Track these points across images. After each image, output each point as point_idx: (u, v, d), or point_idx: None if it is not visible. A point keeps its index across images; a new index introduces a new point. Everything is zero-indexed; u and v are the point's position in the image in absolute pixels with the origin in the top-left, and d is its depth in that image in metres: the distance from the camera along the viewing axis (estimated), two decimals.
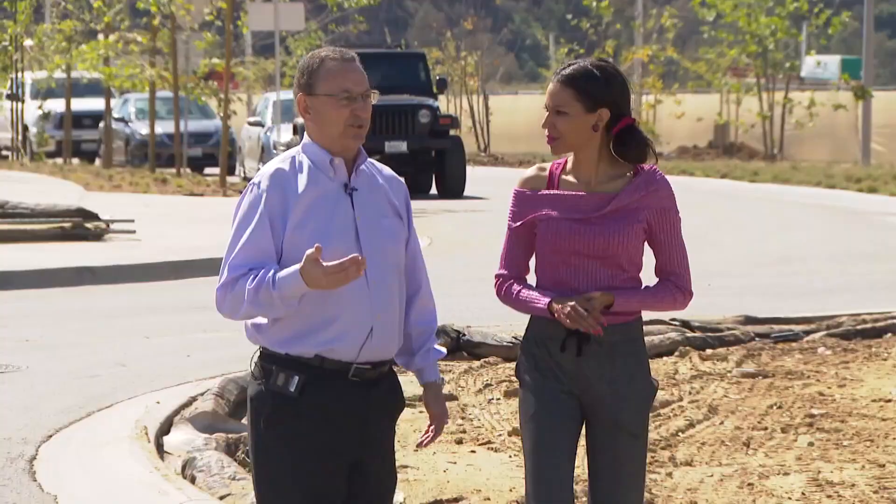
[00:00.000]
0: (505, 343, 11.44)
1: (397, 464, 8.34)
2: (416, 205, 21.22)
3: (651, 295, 5.13)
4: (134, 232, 20.44)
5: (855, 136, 42.75)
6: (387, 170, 5.02)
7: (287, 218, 4.74)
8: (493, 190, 31.94)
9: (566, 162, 5.19)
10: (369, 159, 4.95)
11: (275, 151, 33.32)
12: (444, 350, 5.19)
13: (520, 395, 5.24)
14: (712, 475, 8.01)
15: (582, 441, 5.24)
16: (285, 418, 4.80)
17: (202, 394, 9.74)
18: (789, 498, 7.61)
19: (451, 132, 32.30)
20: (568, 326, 4.99)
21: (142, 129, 38.91)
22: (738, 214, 24.75)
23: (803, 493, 7.68)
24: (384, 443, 4.97)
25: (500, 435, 9.00)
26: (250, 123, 39.10)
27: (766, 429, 9.14)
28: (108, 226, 20.52)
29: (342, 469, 4.84)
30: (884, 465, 8.21)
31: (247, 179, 36.57)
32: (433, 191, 32.22)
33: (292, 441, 4.79)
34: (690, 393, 10.04)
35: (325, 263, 4.57)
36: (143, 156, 37.79)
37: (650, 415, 5.35)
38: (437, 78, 34.67)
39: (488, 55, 58.58)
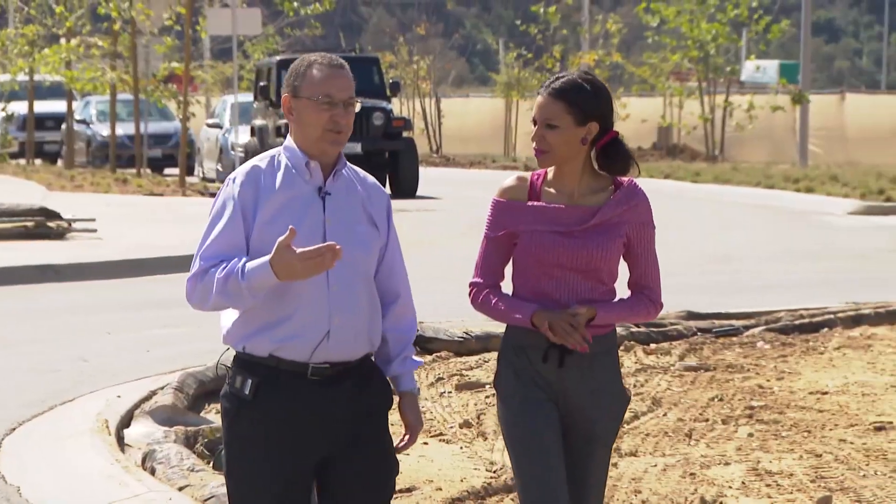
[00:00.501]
0: (456, 338, 11.48)
1: None
2: None
3: (628, 308, 5.04)
4: (95, 231, 20.36)
5: (793, 137, 42.94)
6: (370, 178, 4.93)
7: (256, 213, 4.70)
8: (445, 190, 32.04)
9: (546, 173, 5.05)
10: (353, 167, 4.88)
11: (232, 152, 33.26)
12: (421, 360, 5.12)
13: (499, 406, 5.10)
14: (656, 465, 8.04)
15: None
16: (244, 420, 4.78)
17: (161, 388, 9.71)
18: (730, 486, 7.65)
19: (404, 134, 32.32)
20: (551, 340, 4.87)
21: (103, 130, 38.78)
22: (681, 214, 24.83)
23: (743, 483, 7.72)
24: (364, 438, 4.81)
25: (451, 427, 9.01)
26: (209, 125, 39.04)
27: (707, 420, 9.18)
28: (70, 225, 20.43)
29: (307, 468, 4.77)
30: (820, 455, 8.25)
31: (206, 180, 36.57)
32: (387, 190, 32.20)
33: (252, 442, 4.75)
34: (635, 386, 10.07)
35: (298, 250, 4.52)
36: (105, 157, 37.66)
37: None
38: (391, 81, 34.63)
39: (440, 59, 58.58)
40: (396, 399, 5.01)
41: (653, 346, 11.51)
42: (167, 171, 37.78)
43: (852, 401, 9.75)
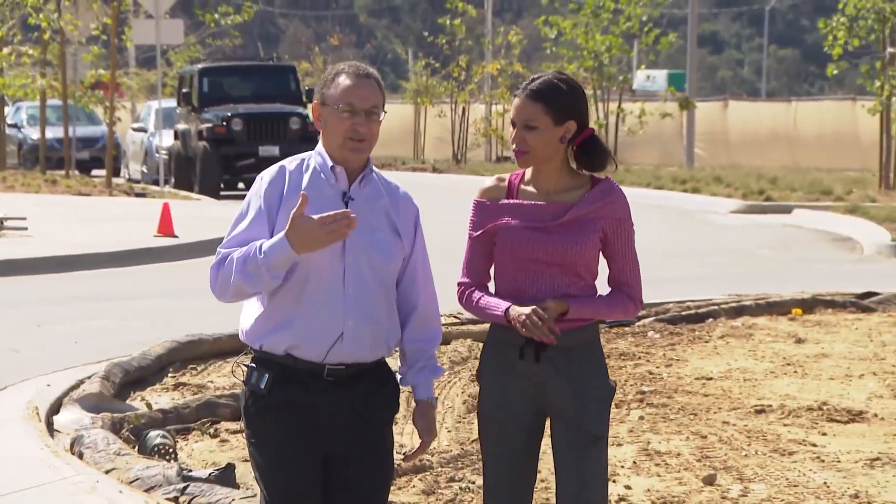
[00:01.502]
0: None
1: None
2: None
3: (603, 303, 4.84)
4: (26, 229, 20.13)
5: (680, 142, 43.26)
6: (401, 189, 4.75)
7: (280, 211, 4.54)
8: None
9: (524, 173, 4.89)
10: (384, 176, 4.73)
11: (157, 155, 33.04)
12: (442, 368, 4.93)
13: (479, 398, 4.95)
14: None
15: (547, 441, 4.94)
16: (259, 414, 4.63)
17: (89, 377, 9.62)
18: (622, 466, 7.68)
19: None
20: (523, 335, 4.70)
21: (33, 134, 38.36)
22: None
23: (635, 462, 7.76)
24: (366, 439, 4.65)
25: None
26: (134, 129, 38.78)
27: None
28: (1, 223, 20.20)
29: (313, 460, 4.62)
30: (706, 437, 8.31)
31: (131, 181, 36.29)
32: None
33: (267, 435, 4.62)
34: None
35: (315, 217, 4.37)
36: (35, 159, 37.23)
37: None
38: (307, 88, 34.52)
39: None
40: (411, 406, 4.90)
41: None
42: (94, 172, 37.44)
43: (735, 386, 9.83)
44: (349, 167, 4.63)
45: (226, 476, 7.27)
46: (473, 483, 7.27)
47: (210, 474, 7.25)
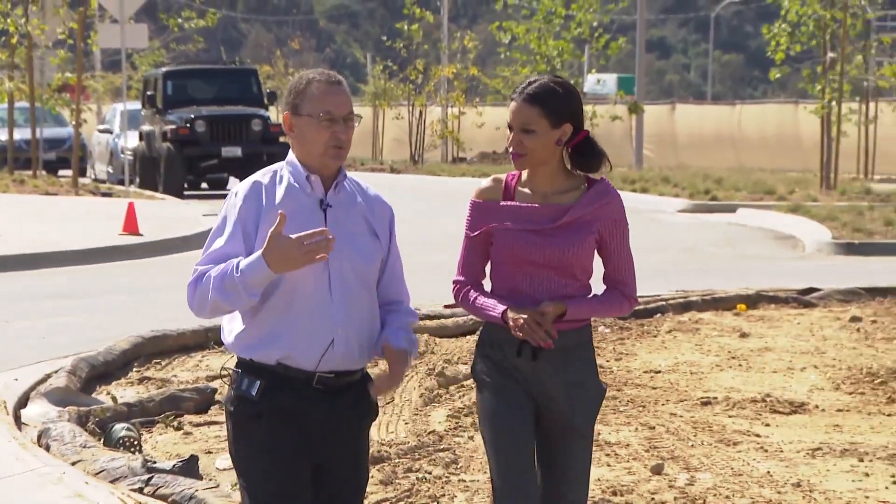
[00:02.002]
0: None
1: None
2: None
3: (599, 303, 4.76)
4: None
5: (629, 143, 43.37)
6: (372, 190, 4.62)
7: (259, 227, 4.38)
8: None
9: (520, 174, 4.78)
10: (355, 179, 4.59)
11: (122, 155, 32.89)
12: (416, 340, 4.68)
13: (477, 396, 4.85)
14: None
15: None
16: (249, 420, 4.45)
17: (56, 371, 9.56)
18: None
19: (281, 139, 32.14)
20: (519, 338, 4.61)
21: (1, 135, 38.10)
22: None
23: None
24: (350, 449, 4.54)
25: None
26: (100, 131, 38.60)
27: None
28: None
29: (304, 467, 4.47)
30: (654, 428, 8.33)
31: (97, 181, 36.11)
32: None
33: (256, 442, 4.44)
34: None
35: (294, 235, 4.23)
36: (3, 160, 36.98)
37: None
38: (268, 91, 34.53)
39: None
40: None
41: None
42: (61, 172, 37.19)
43: (682, 378, 9.86)
44: (324, 175, 4.48)
45: (189, 467, 7.26)
46: (430, 473, 7.27)
47: (174, 466, 7.23)
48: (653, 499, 6.86)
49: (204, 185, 34.00)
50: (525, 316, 4.58)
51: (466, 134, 49.21)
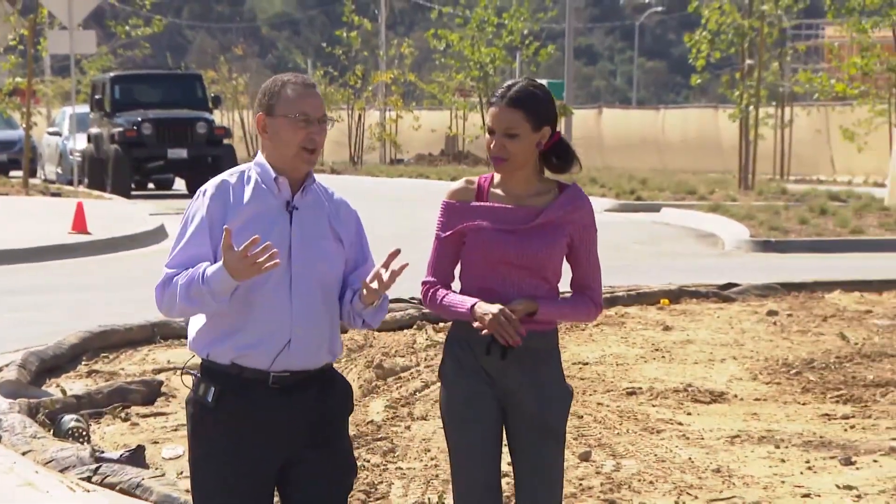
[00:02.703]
0: None
1: (177, 420, 8.31)
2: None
3: (569, 306, 4.60)
4: None
5: None
6: (337, 195, 4.47)
7: (225, 224, 4.22)
8: None
9: (493, 176, 4.61)
10: (322, 183, 4.43)
11: (71, 157, 32.65)
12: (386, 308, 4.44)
13: (441, 394, 4.65)
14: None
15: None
16: (206, 425, 4.31)
17: (7, 365, 9.46)
18: (505, 445, 7.68)
19: (225, 141, 32.09)
20: (485, 333, 4.41)
21: None
22: None
23: None
24: (321, 443, 4.34)
25: None
26: (49, 133, 38.27)
27: None
28: None
29: (267, 473, 4.30)
30: (582, 417, 8.35)
31: (47, 181, 35.79)
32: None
33: (213, 447, 4.29)
34: (426, 360, 10.09)
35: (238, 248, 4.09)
36: None
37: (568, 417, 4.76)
38: (213, 95, 34.43)
39: (256, 76, 58.12)
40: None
41: (441, 324, 11.54)
42: (12, 173, 36.85)
43: (608, 370, 9.90)
44: (293, 177, 4.33)
45: (136, 457, 7.22)
46: (368, 461, 7.26)
47: (121, 455, 7.19)
48: (581, 484, 6.88)
49: (150, 185, 33.83)
50: (494, 311, 4.40)
51: (403, 137, 49.24)
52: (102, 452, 7.29)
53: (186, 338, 4.54)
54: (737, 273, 15.29)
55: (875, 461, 7.38)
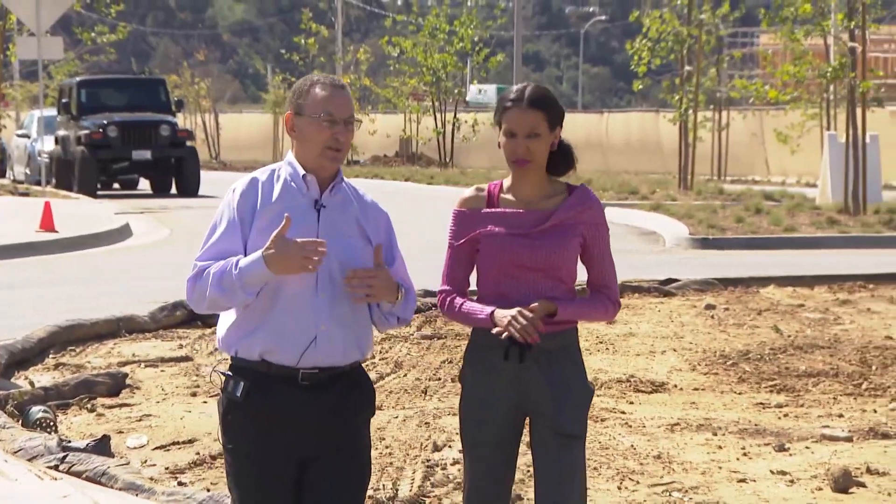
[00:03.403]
0: None
1: (141, 411, 8.27)
2: (158, 202, 20.94)
3: (587, 305, 4.44)
4: None
5: None
6: (368, 196, 4.33)
7: (254, 222, 4.16)
8: (222, 190, 31.61)
9: (502, 183, 4.47)
10: (352, 184, 4.31)
11: (39, 158, 32.42)
12: (414, 305, 4.35)
13: (463, 402, 4.48)
14: (398, 416, 8.05)
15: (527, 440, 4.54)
16: (235, 420, 4.20)
17: None
18: (456, 433, 7.70)
19: (188, 143, 31.96)
20: (505, 336, 4.26)
21: None
22: (419, 210, 24.98)
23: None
24: (342, 441, 4.22)
25: None
26: (18, 135, 38.02)
27: (439, 379, 9.23)
28: None
29: (289, 466, 4.19)
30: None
31: (16, 181, 35.52)
32: (173, 191, 31.88)
33: (242, 440, 4.18)
34: (381, 352, 10.08)
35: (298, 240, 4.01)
36: None
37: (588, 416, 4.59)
38: (176, 99, 34.32)
39: (217, 81, 57.92)
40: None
41: None
42: None
43: None
44: (321, 176, 4.22)
45: (101, 446, 7.17)
46: None
47: (87, 445, 7.14)
48: (528, 471, 6.87)
49: (116, 185, 33.64)
50: (513, 313, 4.26)
51: (359, 139, 49.10)
52: (69, 442, 7.24)
53: (150, 332, 4.51)
54: (676, 269, 15.36)
55: (807, 447, 7.43)
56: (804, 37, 25.33)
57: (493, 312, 4.33)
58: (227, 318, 4.25)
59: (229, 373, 4.23)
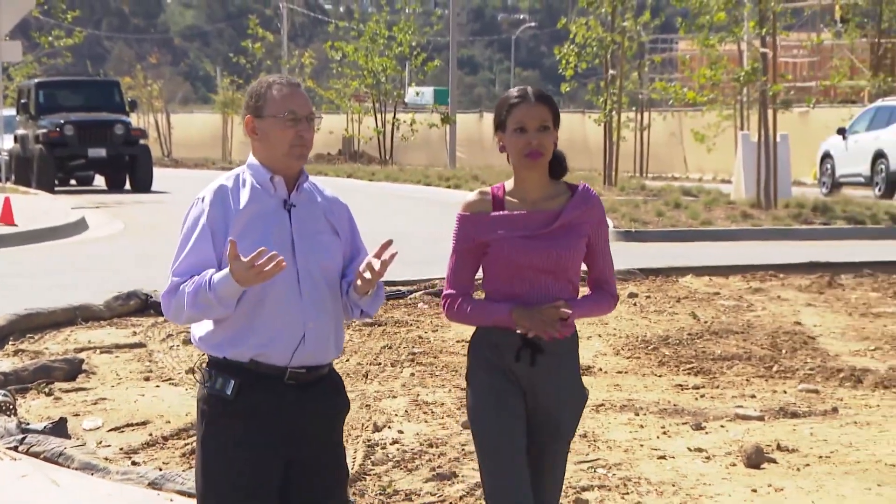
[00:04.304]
0: None
1: (96, 395, 8.20)
2: (113, 198, 20.75)
3: (593, 302, 4.28)
4: None
5: (444, 146, 43.60)
6: (329, 191, 4.15)
7: (228, 231, 3.91)
8: (173, 185, 31.52)
9: (504, 186, 4.23)
10: (312, 181, 4.10)
11: None
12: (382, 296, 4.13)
13: (469, 398, 4.28)
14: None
15: None
16: (223, 418, 3.93)
17: None
18: (396, 414, 7.70)
19: (141, 142, 31.73)
20: (525, 334, 4.07)
21: None
22: (360, 204, 24.86)
23: (406, 411, 7.78)
24: (326, 440, 4.04)
25: (179, 373, 8.84)
26: None
27: (380, 364, 9.22)
28: None
29: (276, 465, 3.95)
30: (464, 389, 8.35)
31: None
32: (127, 187, 31.65)
33: (228, 438, 3.92)
34: None
35: (244, 258, 3.78)
36: None
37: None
38: (130, 100, 34.07)
39: (169, 83, 57.51)
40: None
41: None
42: None
43: None
44: (287, 176, 4.01)
45: (59, 428, 7.11)
46: None
47: (45, 427, 7.08)
48: (462, 449, 6.89)
49: (72, 181, 33.35)
50: (537, 309, 4.06)
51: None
52: (28, 424, 7.17)
53: (105, 320, 4.43)
54: None
55: (722, 426, 7.49)
56: (719, 43, 25.52)
57: (513, 309, 4.11)
58: (204, 323, 4.00)
59: (210, 368, 3.98)
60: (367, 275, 3.94)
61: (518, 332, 4.10)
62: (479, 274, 4.33)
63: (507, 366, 4.18)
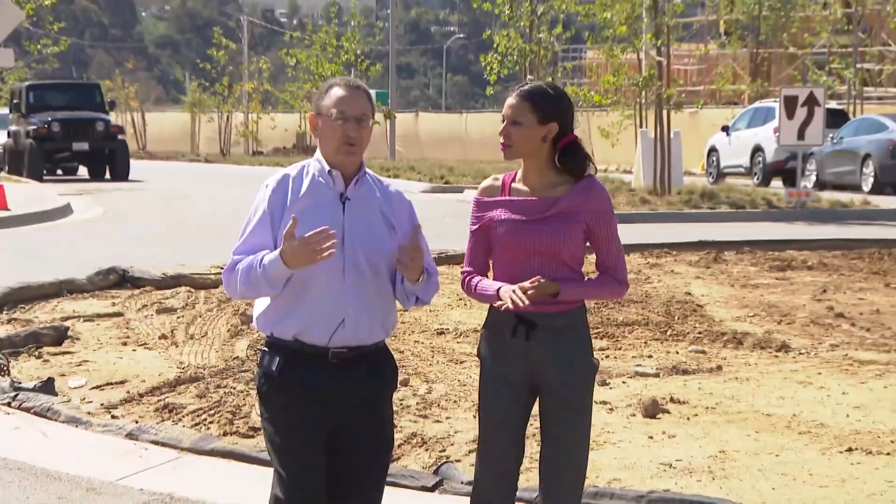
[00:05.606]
0: (157, 277, 11.14)
1: (80, 357, 8.10)
2: (95, 186, 20.53)
3: (591, 286, 4.03)
4: None
5: (385, 141, 43.50)
6: (392, 186, 3.93)
7: (284, 216, 3.74)
8: (148, 175, 31.29)
9: (516, 173, 4.07)
10: (377, 177, 3.91)
11: None
12: (436, 284, 3.93)
13: (481, 374, 4.06)
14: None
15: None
16: (271, 393, 3.79)
17: None
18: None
19: (119, 137, 31.52)
20: (504, 308, 3.85)
21: None
22: None
23: None
24: (367, 414, 3.82)
25: (153, 339, 8.76)
26: None
27: None
28: None
29: (320, 434, 3.77)
30: (402, 352, 8.35)
31: None
32: (107, 176, 31.39)
33: (277, 411, 3.78)
34: None
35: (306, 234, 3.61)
36: None
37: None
38: (109, 100, 33.87)
39: (144, 86, 56.90)
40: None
41: None
42: None
43: (423, 315, 9.91)
44: (344, 171, 3.80)
45: (47, 387, 7.05)
46: (234, 388, 7.16)
47: (35, 385, 7.01)
48: (401, 404, 6.89)
49: (59, 171, 33.00)
50: (514, 287, 3.86)
51: (263, 134, 48.78)
52: (20, 383, 7.09)
53: (87, 292, 4.35)
54: None
55: (624, 383, 7.55)
56: (621, 53, 25.66)
57: (499, 289, 3.92)
58: (263, 300, 3.84)
59: (266, 348, 3.83)
60: (405, 263, 3.77)
61: (503, 308, 3.89)
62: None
63: (507, 345, 3.98)
